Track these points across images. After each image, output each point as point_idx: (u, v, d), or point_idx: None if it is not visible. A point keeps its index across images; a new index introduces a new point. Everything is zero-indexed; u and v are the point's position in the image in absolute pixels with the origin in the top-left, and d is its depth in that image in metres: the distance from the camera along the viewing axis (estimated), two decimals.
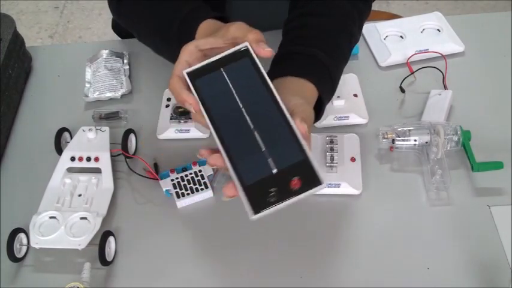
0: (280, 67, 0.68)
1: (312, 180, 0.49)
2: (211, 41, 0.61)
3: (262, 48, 0.58)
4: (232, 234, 0.74)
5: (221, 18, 0.73)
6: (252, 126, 0.53)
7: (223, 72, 0.56)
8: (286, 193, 0.49)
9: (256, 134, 0.53)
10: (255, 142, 0.52)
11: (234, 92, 0.55)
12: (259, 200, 0.49)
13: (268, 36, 1.04)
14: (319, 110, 0.69)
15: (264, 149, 0.52)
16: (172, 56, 0.66)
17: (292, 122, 0.52)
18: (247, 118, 0.53)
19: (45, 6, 2.54)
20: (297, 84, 0.66)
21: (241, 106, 0.54)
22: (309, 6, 0.77)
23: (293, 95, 0.60)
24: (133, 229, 0.76)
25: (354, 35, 0.78)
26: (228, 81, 0.56)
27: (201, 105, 0.55)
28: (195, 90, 0.56)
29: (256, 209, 0.49)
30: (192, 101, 0.57)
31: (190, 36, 0.71)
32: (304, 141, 0.51)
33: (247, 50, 0.56)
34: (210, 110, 0.55)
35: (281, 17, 0.95)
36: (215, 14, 0.73)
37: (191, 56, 0.60)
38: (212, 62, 0.57)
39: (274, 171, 0.51)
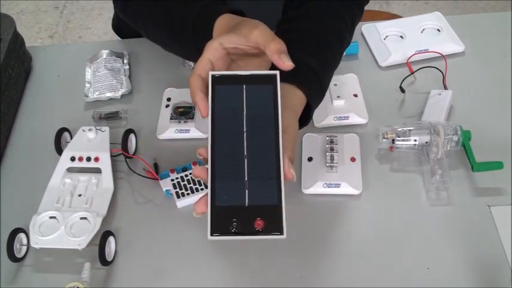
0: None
1: (275, 227, 0.51)
2: (235, 40, 0.60)
3: (282, 62, 0.57)
4: None
5: (236, 12, 0.72)
6: (245, 153, 0.54)
7: (244, 90, 0.56)
8: (246, 229, 0.51)
9: (245, 161, 0.53)
10: (242, 169, 0.53)
11: (244, 113, 0.55)
12: (220, 224, 0.51)
13: None
14: (307, 114, 0.69)
15: (246, 178, 0.53)
16: (185, 52, 0.65)
17: (282, 165, 0.53)
18: (245, 144, 0.54)
19: (45, 6, 2.54)
20: (286, 91, 0.65)
21: (244, 130, 0.55)
22: (301, 8, 0.77)
23: (283, 108, 0.60)
24: (133, 229, 0.76)
25: (345, 38, 0.78)
26: (244, 101, 0.56)
27: (210, 114, 0.56)
28: (212, 96, 0.56)
29: (214, 232, 0.51)
30: (202, 108, 0.56)
31: (207, 32, 0.70)
32: (283, 188, 0.52)
33: (275, 78, 0.56)
34: (216, 122, 0.55)
35: (275, 17, 0.94)
36: (230, 9, 0.72)
37: (215, 54, 0.59)
38: (239, 75, 0.56)
39: (246, 204, 0.52)
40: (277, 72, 0.56)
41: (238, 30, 0.62)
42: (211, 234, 0.51)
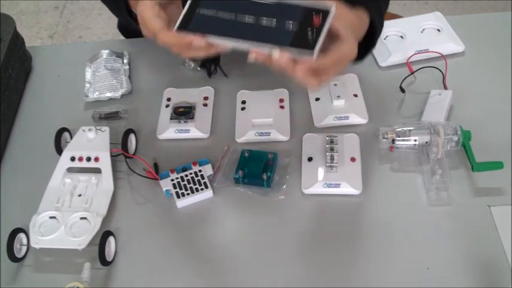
0: None
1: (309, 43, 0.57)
2: None
3: None
4: (232, 234, 0.74)
5: None
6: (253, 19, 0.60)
7: None
8: (316, 26, 0.58)
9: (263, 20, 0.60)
10: (268, 23, 0.60)
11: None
12: (306, 42, 0.57)
13: None
14: (369, 40, 0.70)
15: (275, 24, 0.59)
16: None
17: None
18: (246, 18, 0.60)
19: (45, 6, 2.54)
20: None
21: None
22: None
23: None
24: (133, 229, 0.76)
25: None
26: None
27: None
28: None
29: (310, 47, 0.56)
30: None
31: None
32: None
33: None
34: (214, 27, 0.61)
35: None
36: None
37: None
38: None
39: (295, 27, 0.59)
40: None
41: None
42: (311, 50, 0.57)
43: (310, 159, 0.80)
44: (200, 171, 0.79)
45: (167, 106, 0.89)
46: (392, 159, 0.81)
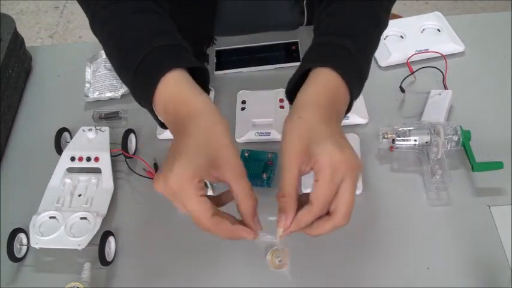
0: (308, 58, 0.66)
1: None
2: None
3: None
4: None
5: (195, 68, 0.62)
6: None
7: None
8: None
9: None
10: None
11: None
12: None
13: (261, 36, 1.04)
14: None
15: None
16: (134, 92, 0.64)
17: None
18: None
19: (45, 6, 2.54)
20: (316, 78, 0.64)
21: None
22: None
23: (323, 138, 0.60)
24: (133, 229, 0.76)
25: (382, 21, 0.72)
26: None
27: None
28: None
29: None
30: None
31: (151, 88, 0.60)
32: None
33: None
34: None
35: (273, 18, 0.93)
36: (187, 64, 0.61)
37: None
38: None
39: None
40: None
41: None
42: None
43: None
44: None
45: None
46: (392, 159, 0.81)
